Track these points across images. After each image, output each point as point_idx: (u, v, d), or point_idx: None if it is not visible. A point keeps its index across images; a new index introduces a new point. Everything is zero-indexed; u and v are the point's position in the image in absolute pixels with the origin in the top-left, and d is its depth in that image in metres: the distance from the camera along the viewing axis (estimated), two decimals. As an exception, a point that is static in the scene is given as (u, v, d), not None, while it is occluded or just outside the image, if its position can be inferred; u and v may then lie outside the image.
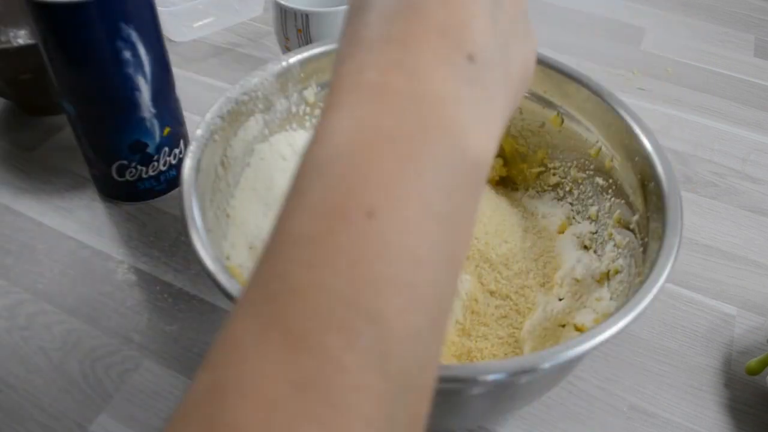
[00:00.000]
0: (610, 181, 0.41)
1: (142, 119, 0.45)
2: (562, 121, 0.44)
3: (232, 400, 0.15)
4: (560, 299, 0.39)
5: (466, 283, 0.39)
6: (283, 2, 0.57)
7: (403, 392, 0.16)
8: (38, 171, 0.53)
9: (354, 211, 0.17)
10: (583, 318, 0.36)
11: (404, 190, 0.17)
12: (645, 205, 0.36)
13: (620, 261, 0.38)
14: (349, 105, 0.19)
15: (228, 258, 0.36)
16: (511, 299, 0.40)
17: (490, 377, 0.26)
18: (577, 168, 0.44)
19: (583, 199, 0.44)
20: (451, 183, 0.18)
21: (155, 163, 0.48)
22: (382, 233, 0.17)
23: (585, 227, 0.43)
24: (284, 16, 0.57)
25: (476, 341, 0.38)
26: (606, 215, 0.41)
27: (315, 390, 0.15)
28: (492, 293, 0.40)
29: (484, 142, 0.20)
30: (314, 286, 0.16)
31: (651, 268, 0.30)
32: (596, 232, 0.42)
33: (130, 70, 0.42)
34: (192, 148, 0.35)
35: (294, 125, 0.45)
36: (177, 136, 0.49)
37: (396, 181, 0.17)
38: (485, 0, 0.21)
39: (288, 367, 0.15)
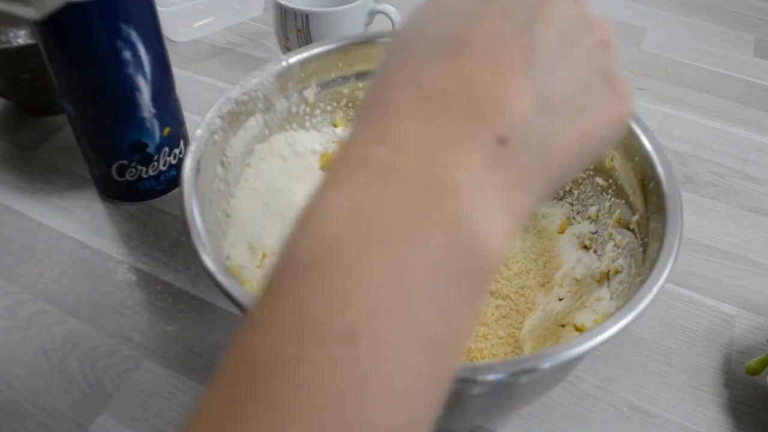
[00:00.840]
0: (610, 181, 0.41)
1: (142, 119, 0.45)
2: (562, 121, 0.44)
3: None
4: (560, 299, 0.40)
5: (466, 283, 0.39)
6: (283, 2, 0.57)
7: None
8: (38, 171, 0.53)
9: (331, 334, 0.14)
10: (583, 318, 0.36)
11: (394, 307, 0.15)
12: (645, 205, 0.36)
13: (620, 261, 0.38)
14: (349, 184, 0.16)
15: (228, 258, 0.36)
16: (511, 299, 0.40)
17: (490, 377, 0.26)
18: (577, 168, 0.44)
19: (583, 199, 0.44)
20: (451, 297, 0.16)
21: (155, 163, 0.48)
22: (359, 364, 0.14)
23: (585, 227, 0.43)
24: (284, 16, 0.57)
25: (476, 341, 0.38)
26: (606, 215, 0.41)
27: None
28: (492, 293, 0.40)
29: (498, 242, 0.17)
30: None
31: (651, 268, 0.30)
32: (596, 232, 0.42)
33: (130, 70, 0.42)
34: (192, 148, 0.35)
35: (294, 125, 0.45)
36: (177, 136, 0.49)
37: (386, 294, 0.15)
38: (538, 71, 0.18)
39: None
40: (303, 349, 0.14)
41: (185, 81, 0.62)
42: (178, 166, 0.50)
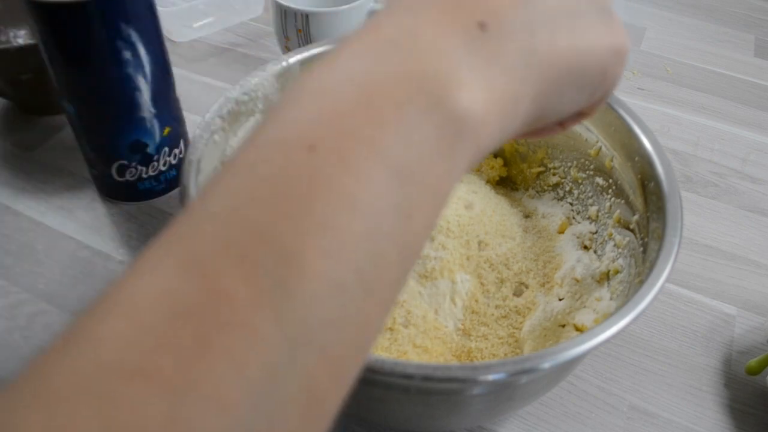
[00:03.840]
0: (610, 181, 0.41)
1: (142, 119, 0.45)
2: (562, 121, 0.44)
3: (103, 314, 0.14)
4: (560, 299, 0.40)
5: (467, 283, 0.39)
6: (283, 2, 0.57)
7: (301, 350, 0.14)
8: (38, 171, 0.53)
9: (294, 143, 0.16)
10: (583, 318, 0.36)
11: (357, 129, 0.16)
12: (645, 205, 0.36)
13: (620, 261, 0.38)
14: (338, 53, 0.18)
15: (228, 258, 0.36)
16: (511, 300, 0.40)
17: (490, 377, 0.26)
18: (577, 168, 0.44)
19: (583, 199, 0.44)
20: (420, 133, 0.17)
21: (155, 163, 0.48)
22: (319, 168, 0.15)
23: (585, 227, 0.43)
24: (284, 16, 0.57)
25: (476, 341, 0.38)
26: (606, 215, 0.41)
27: (189, 318, 0.13)
28: (492, 293, 0.40)
29: (477, 98, 0.18)
30: (229, 213, 0.15)
31: (651, 268, 0.30)
32: (596, 232, 0.42)
33: (130, 70, 0.42)
34: (192, 148, 0.35)
35: (294, 125, 0.45)
36: (177, 136, 0.49)
37: (350, 119, 0.16)
38: None
39: (172, 290, 0.14)
40: (268, 154, 0.16)
41: (185, 81, 0.62)
42: (178, 166, 0.50)
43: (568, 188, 0.45)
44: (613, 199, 0.40)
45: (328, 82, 0.17)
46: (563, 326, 0.37)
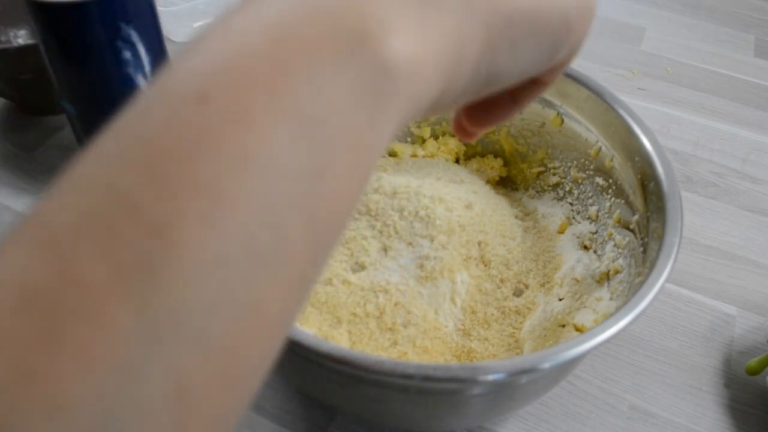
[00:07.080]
0: (610, 181, 0.41)
1: (142, 119, 0.45)
2: (562, 121, 0.44)
3: None
4: (560, 299, 0.40)
5: (466, 283, 0.39)
6: (283, 2, 0.57)
7: (168, 341, 0.12)
8: (38, 171, 0.53)
9: (182, 94, 0.13)
10: (583, 318, 0.36)
11: (260, 76, 0.14)
12: (645, 205, 0.36)
13: (620, 261, 0.38)
14: None
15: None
16: (511, 300, 0.40)
17: (490, 377, 0.26)
18: (577, 168, 0.44)
19: (583, 199, 0.44)
20: (335, 82, 0.14)
21: (155, 163, 0.48)
22: (208, 122, 0.13)
23: (585, 227, 0.43)
24: (284, 16, 0.57)
25: (476, 341, 0.38)
26: (606, 215, 0.41)
27: (34, 306, 0.11)
28: (492, 293, 0.40)
29: (407, 43, 0.15)
30: (94, 180, 0.13)
31: (651, 268, 0.30)
32: (596, 232, 0.42)
33: (130, 70, 0.42)
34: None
35: (294, 125, 0.45)
36: (177, 136, 0.49)
37: (253, 65, 0.14)
38: None
39: (22, 274, 0.12)
40: (148, 105, 0.13)
41: (185, 81, 0.61)
42: (178, 166, 0.49)
43: (568, 188, 0.45)
44: (613, 199, 0.40)
45: (236, 23, 0.15)
46: (563, 326, 0.37)
